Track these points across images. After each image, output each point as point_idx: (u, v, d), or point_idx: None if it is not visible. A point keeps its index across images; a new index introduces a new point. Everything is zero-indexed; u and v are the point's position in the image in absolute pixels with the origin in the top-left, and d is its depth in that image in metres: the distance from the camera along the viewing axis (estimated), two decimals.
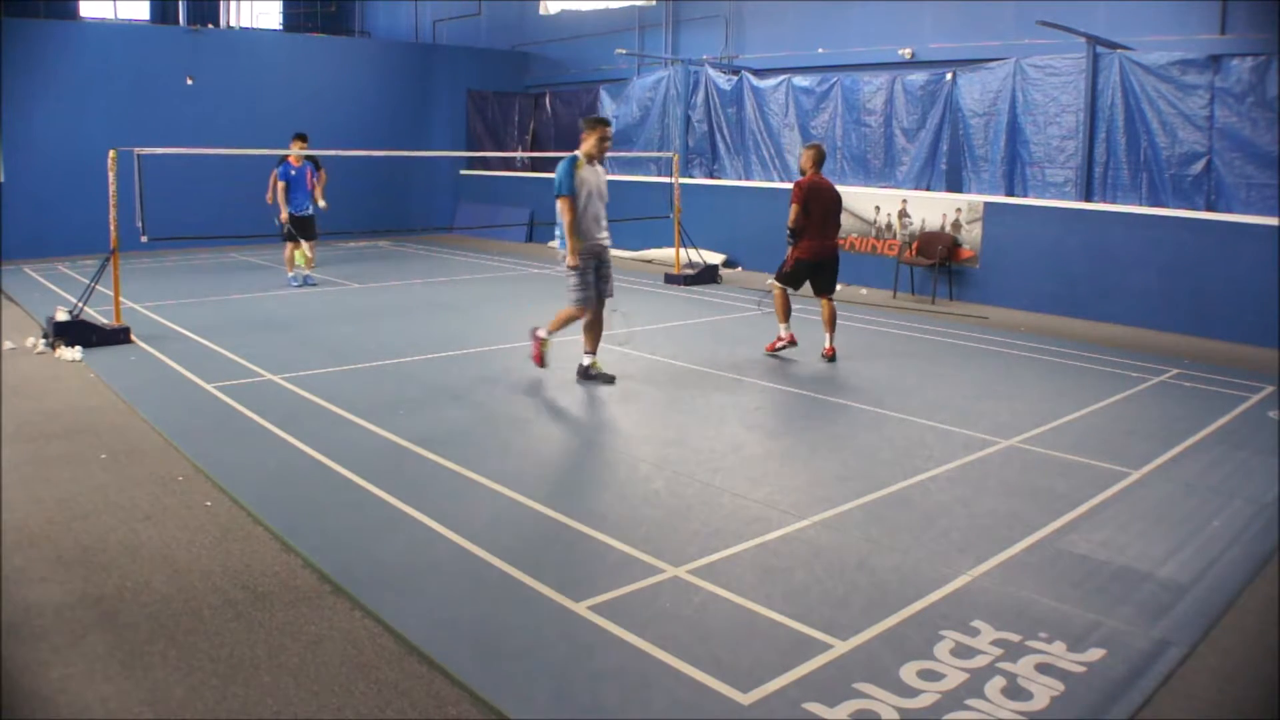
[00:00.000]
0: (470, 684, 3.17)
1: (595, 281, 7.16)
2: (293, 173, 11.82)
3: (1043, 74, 11.58)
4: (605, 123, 7.49)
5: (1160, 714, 3.13)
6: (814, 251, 7.96)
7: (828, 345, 8.19)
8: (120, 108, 15.50)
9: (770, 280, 8.48)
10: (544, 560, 4.12)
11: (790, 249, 8.05)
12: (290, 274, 12.23)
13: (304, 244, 12.01)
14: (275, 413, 6.33)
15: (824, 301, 8.27)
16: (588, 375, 7.30)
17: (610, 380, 7.22)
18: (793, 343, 8.25)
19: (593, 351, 7.35)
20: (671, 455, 5.61)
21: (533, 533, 4.45)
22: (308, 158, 12.20)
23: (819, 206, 7.89)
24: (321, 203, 12.07)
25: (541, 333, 7.28)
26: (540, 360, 7.30)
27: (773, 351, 8.29)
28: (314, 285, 12.23)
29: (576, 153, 7.27)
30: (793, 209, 7.88)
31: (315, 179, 12.06)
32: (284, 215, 11.81)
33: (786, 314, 8.24)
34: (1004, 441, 5.98)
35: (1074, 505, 4.90)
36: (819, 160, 8.00)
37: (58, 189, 14.99)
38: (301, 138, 11.87)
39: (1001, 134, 12.01)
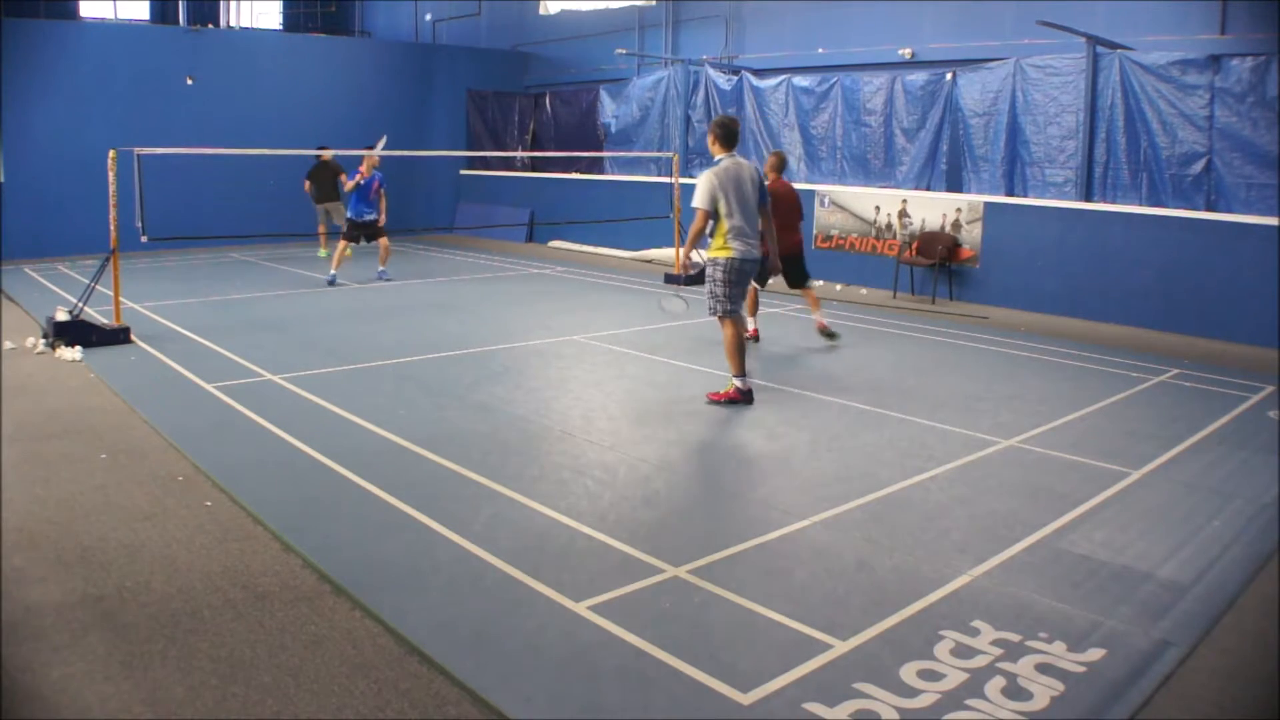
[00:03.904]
0: (470, 684, 3.17)
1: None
2: (361, 182, 12.27)
3: (1043, 74, 11.58)
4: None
5: (1160, 714, 3.13)
6: (780, 248, 8.22)
7: (819, 320, 8.88)
8: (120, 108, 15.50)
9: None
10: (544, 560, 4.12)
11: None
12: (333, 270, 12.52)
13: (381, 241, 12.67)
14: (275, 413, 6.33)
15: (804, 292, 8.99)
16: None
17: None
18: (755, 338, 8.87)
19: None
20: (672, 455, 5.61)
21: (533, 533, 4.45)
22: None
23: (777, 208, 8.14)
24: (381, 218, 12.64)
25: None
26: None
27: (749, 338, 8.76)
28: (389, 279, 12.66)
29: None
30: None
31: (381, 192, 12.54)
32: (348, 184, 12.34)
33: (754, 308, 8.88)
34: (1004, 441, 5.98)
35: (1074, 505, 4.90)
36: (776, 166, 8.76)
37: (58, 189, 14.98)
38: (371, 149, 12.57)
39: (1001, 134, 12.01)
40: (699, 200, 6.52)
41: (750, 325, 8.70)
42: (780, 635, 3.52)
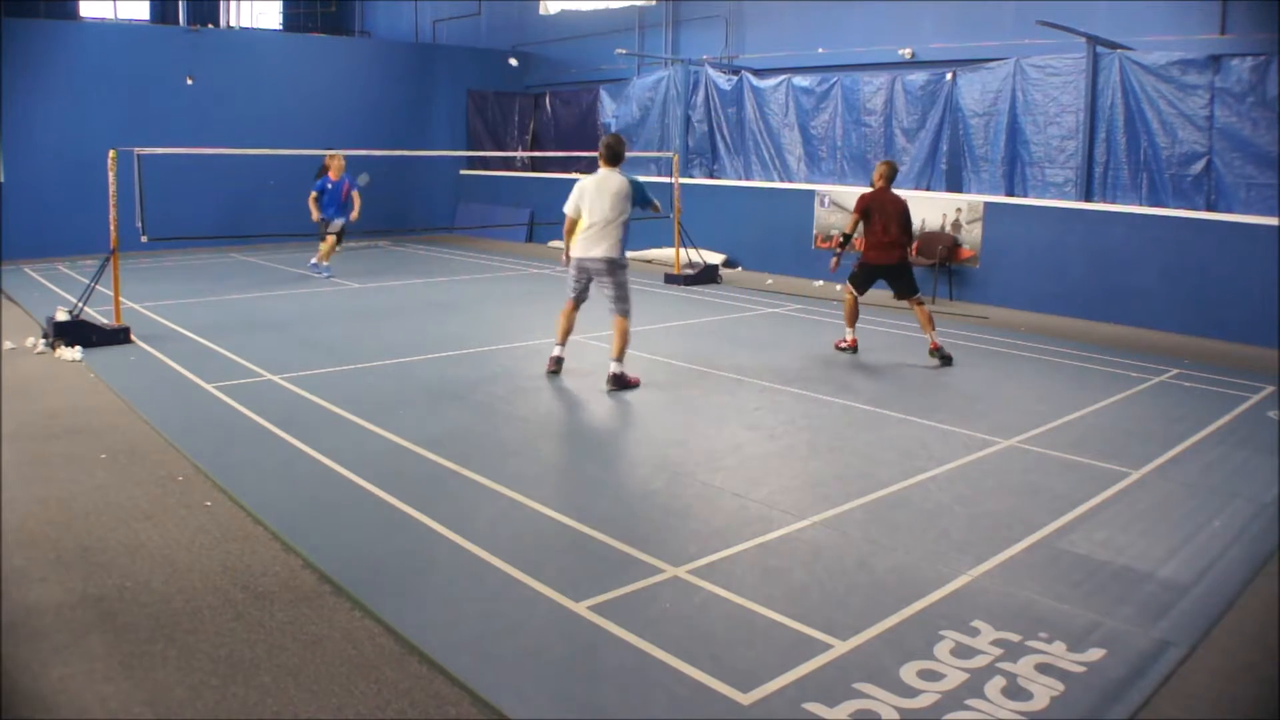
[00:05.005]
0: (470, 684, 3.17)
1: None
2: (329, 186, 12.44)
3: (1043, 74, 11.58)
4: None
5: (1160, 714, 3.13)
6: (874, 257, 8.30)
7: (931, 341, 8.25)
8: (120, 108, 15.49)
9: (842, 285, 8.84)
10: (544, 560, 4.12)
11: (835, 255, 8.45)
12: (325, 265, 12.91)
13: (329, 240, 12.80)
14: (275, 413, 6.33)
15: (914, 307, 8.38)
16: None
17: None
18: (854, 348, 8.55)
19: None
20: (671, 455, 5.61)
21: (533, 533, 4.45)
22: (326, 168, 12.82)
23: (880, 216, 8.22)
24: (353, 216, 12.75)
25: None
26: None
27: (838, 349, 8.63)
28: (326, 276, 12.82)
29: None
30: (849, 220, 8.50)
31: (354, 194, 12.70)
32: (313, 198, 12.51)
33: (853, 318, 8.55)
34: (1004, 441, 5.98)
35: (1074, 505, 4.90)
36: (886, 175, 8.45)
37: (58, 189, 14.98)
38: (336, 153, 12.62)
39: (1001, 134, 12.01)
40: (566, 206, 7.29)
41: (849, 335, 8.58)
42: (780, 635, 3.52)
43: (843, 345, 8.59)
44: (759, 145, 15.03)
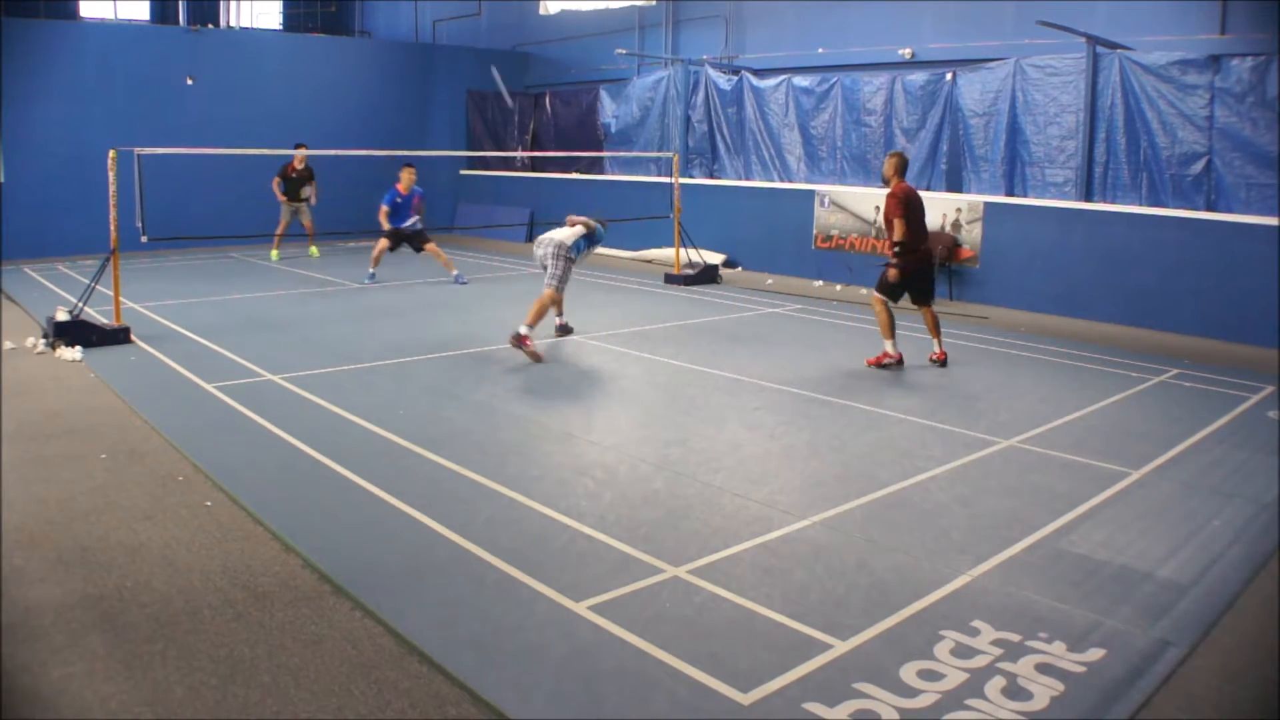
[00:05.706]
0: (470, 684, 3.17)
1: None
2: (399, 200, 12.45)
3: (1043, 74, 11.58)
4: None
5: (1160, 714, 3.13)
6: (912, 261, 7.72)
7: (938, 350, 7.95)
8: (120, 108, 15.50)
9: (871, 292, 8.11)
10: (544, 560, 4.12)
11: (889, 265, 7.76)
12: (371, 270, 12.70)
13: (429, 249, 12.67)
14: (275, 413, 6.33)
15: (925, 310, 8.00)
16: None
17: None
18: (900, 362, 7.85)
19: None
20: (671, 455, 5.61)
21: (533, 533, 4.45)
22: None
23: (914, 215, 7.66)
24: (418, 222, 12.76)
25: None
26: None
27: (877, 365, 7.86)
28: (464, 284, 12.57)
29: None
30: (898, 224, 7.58)
31: (421, 204, 12.75)
32: (383, 210, 12.51)
33: (891, 329, 7.81)
34: (1004, 441, 5.98)
35: (1074, 505, 4.90)
36: (901, 167, 7.79)
37: (58, 189, 14.98)
38: (409, 166, 12.62)
39: (1001, 134, 12.01)
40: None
41: (890, 348, 7.81)
42: (780, 635, 3.52)
43: (888, 361, 7.79)
44: (759, 145, 15.03)
